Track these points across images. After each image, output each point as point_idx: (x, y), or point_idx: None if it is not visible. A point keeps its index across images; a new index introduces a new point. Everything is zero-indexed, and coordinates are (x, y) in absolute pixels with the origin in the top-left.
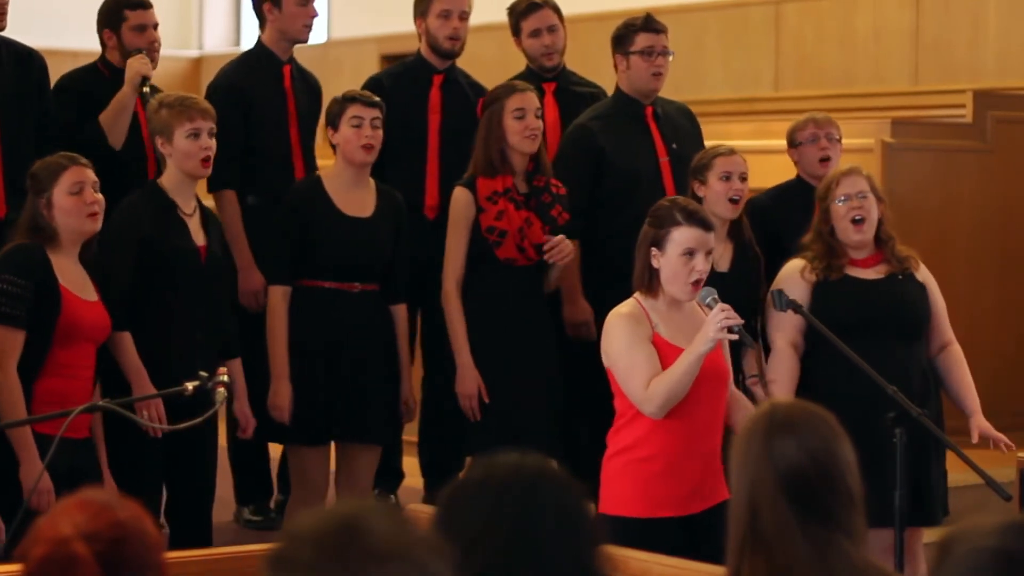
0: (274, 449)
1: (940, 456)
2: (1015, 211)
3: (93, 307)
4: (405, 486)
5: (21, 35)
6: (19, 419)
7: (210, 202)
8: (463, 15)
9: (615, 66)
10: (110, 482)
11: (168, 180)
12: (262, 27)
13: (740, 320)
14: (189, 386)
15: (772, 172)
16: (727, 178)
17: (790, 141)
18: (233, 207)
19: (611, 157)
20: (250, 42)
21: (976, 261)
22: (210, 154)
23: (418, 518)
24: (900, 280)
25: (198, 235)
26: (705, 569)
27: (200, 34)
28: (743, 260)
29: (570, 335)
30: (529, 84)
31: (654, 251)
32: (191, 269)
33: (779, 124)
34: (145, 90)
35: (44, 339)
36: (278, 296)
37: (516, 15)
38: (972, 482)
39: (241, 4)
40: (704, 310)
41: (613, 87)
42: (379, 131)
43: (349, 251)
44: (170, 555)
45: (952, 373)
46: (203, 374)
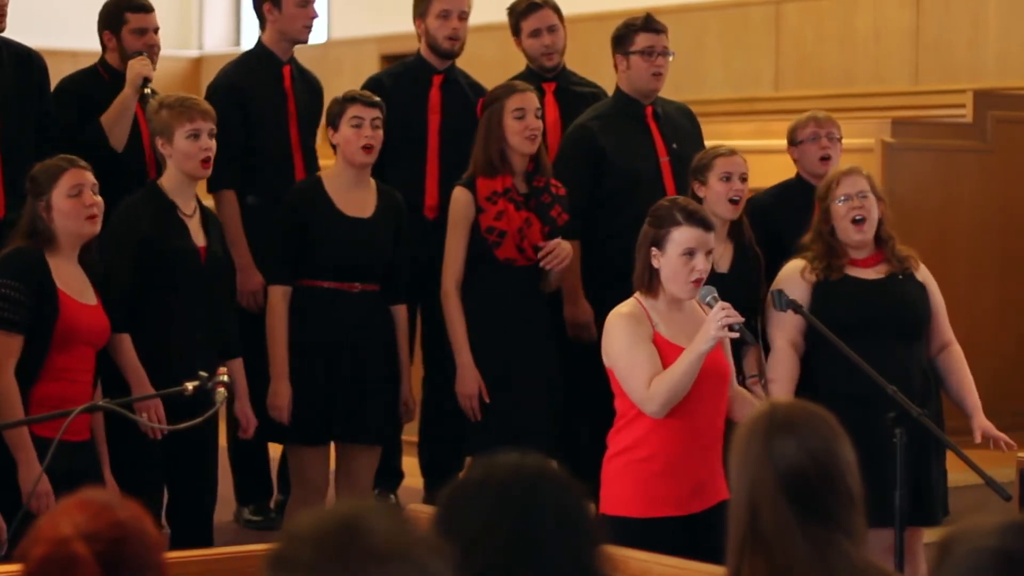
0: (274, 449)
1: (940, 456)
2: (1015, 211)
3: (92, 311)
4: (405, 486)
5: (21, 35)
6: (17, 420)
7: (210, 202)
8: (462, 15)
9: (615, 66)
10: (111, 484)
11: (168, 181)
12: (262, 27)
13: (740, 318)
14: (189, 386)
15: (772, 172)
16: (727, 179)
17: (791, 139)
18: (232, 207)
19: (611, 157)
20: (250, 42)
21: (976, 261)
22: (210, 155)
23: (418, 518)
24: (900, 280)
25: (198, 236)
26: (705, 569)
27: (200, 34)
28: (743, 260)
29: (571, 336)
30: (529, 84)
31: (654, 251)
32: (191, 269)
33: (779, 124)
34: (147, 91)
35: (42, 343)
36: (278, 296)
37: (516, 15)
38: (972, 482)
39: (241, 4)
40: (704, 309)
41: (613, 87)
42: (379, 131)
43: (349, 251)
44: (170, 555)
45: (953, 373)
46: (203, 374)
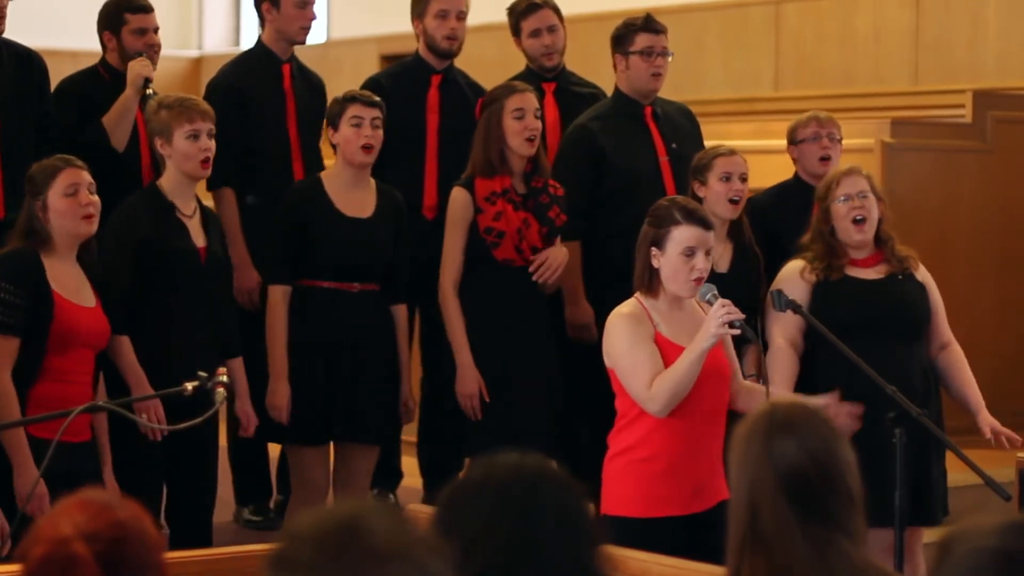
0: (273, 449)
1: (940, 456)
2: (1015, 211)
3: (90, 313)
4: (404, 486)
5: (21, 36)
6: (15, 421)
7: (210, 201)
8: (460, 15)
9: (614, 66)
10: (112, 484)
11: (167, 181)
12: (262, 26)
13: (741, 315)
14: (188, 386)
15: (772, 172)
16: (727, 178)
17: (791, 138)
18: (231, 205)
19: (611, 157)
20: (250, 42)
21: (976, 261)
22: (209, 155)
23: (418, 518)
24: (900, 280)
25: (198, 236)
26: (705, 569)
27: (200, 34)
28: (743, 260)
29: (571, 337)
30: (529, 84)
31: (654, 251)
32: (191, 270)
33: (779, 124)
34: (148, 92)
35: (38, 345)
36: (278, 296)
37: (516, 15)
38: (972, 482)
39: (241, 4)
40: (704, 308)
41: (612, 87)
42: (379, 131)
43: (349, 251)
44: (170, 555)
45: (954, 372)
46: (202, 374)
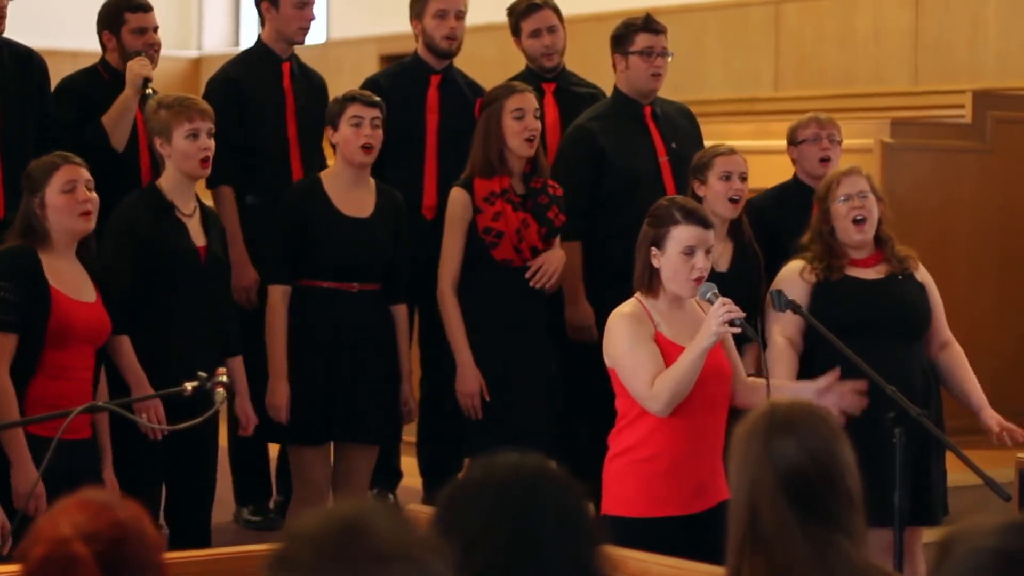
0: (272, 449)
1: (940, 456)
2: (1015, 211)
3: (90, 308)
4: (404, 486)
5: (21, 35)
6: (15, 420)
7: (209, 199)
8: (459, 15)
9: (614, 66)
10: (112, 483)
11: (167, 181)
12: (262, 24)
13: (741, 313)
14: (188, 386)
15: (772, 172)
16: (727, 178)
17: (791, 139)
18: (230, 204)
19: (611, 157)
20: (250, 42)
21: (976, 261)
22: (209, 154)
23: (418, 518)
24: (900, 280)
25: (198, 236)
26: (705, 569)
27: (200, 34)
28: (743, 259)
29: (571, 337)
30: (528, 85)
31: (654, 250)
32: (191, 270)
33: (779, 124)
34: (148, 91)
35: (35, 341)
36: (277, 296)
37: (516, 15)
38: (972, 482)
39: (241, 4)
40: (704, 307)
41: (612, 87)
42: (379, 131)
43: (348, 251)
44: (170, 555)
45: (956, 371)
46: (202, 374)
